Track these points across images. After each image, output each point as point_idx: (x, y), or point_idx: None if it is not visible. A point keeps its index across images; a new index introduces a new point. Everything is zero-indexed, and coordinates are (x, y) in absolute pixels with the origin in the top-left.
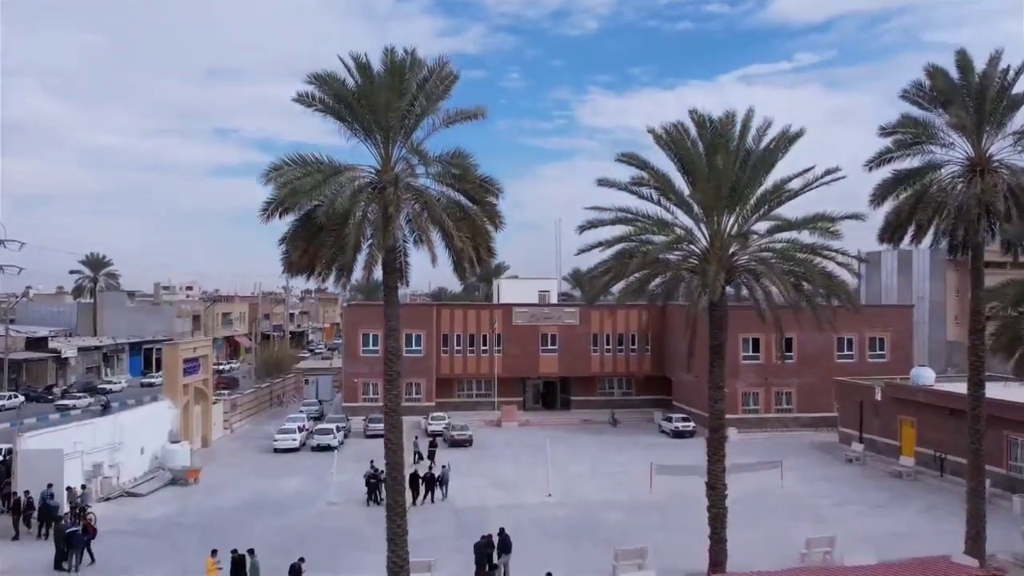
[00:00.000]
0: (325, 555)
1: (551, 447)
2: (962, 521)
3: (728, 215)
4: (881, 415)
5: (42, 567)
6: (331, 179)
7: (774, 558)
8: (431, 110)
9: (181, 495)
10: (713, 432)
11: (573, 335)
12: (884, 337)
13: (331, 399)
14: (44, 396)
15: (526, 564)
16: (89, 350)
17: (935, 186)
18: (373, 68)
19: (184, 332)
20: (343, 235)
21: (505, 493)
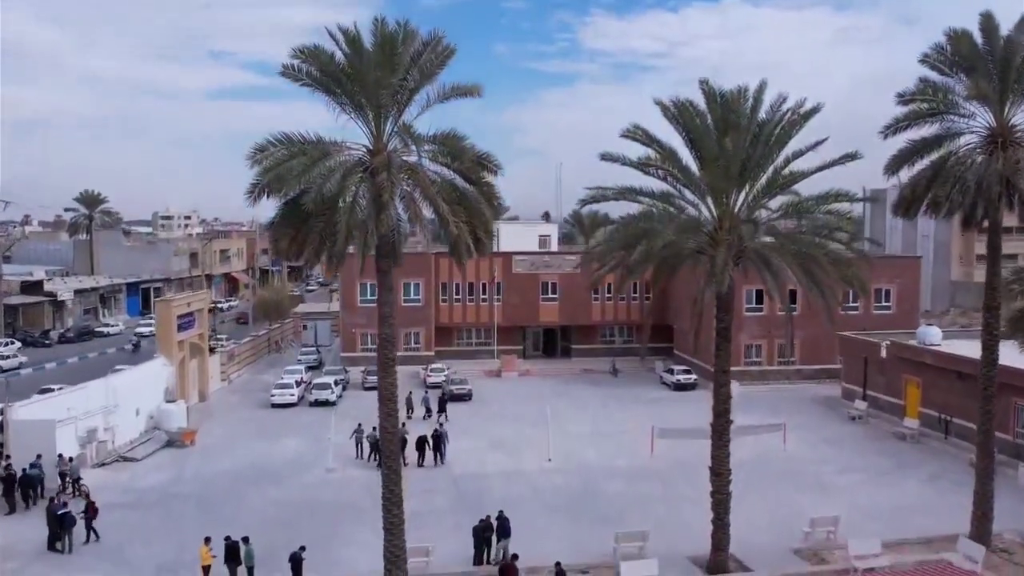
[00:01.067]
0: (323, 532)
1: (551, 400)
2: (967, 491)
3: (737, 195)
4: (886, 373)
5: (35, 548)
6: (319, 162)
7: (777, 538)
8: (425, 85)
9: (177, 459)
10: (718, 417)
11: (574, 283)
12: (890, 288)
13: (330, 344)
14: (41, 341)
15: (525, 545)
16: (86, 292)
17: (953, 159)
18: (364, 40)
19: (182, 270)
20: (333, 222)
21: (505, 456)
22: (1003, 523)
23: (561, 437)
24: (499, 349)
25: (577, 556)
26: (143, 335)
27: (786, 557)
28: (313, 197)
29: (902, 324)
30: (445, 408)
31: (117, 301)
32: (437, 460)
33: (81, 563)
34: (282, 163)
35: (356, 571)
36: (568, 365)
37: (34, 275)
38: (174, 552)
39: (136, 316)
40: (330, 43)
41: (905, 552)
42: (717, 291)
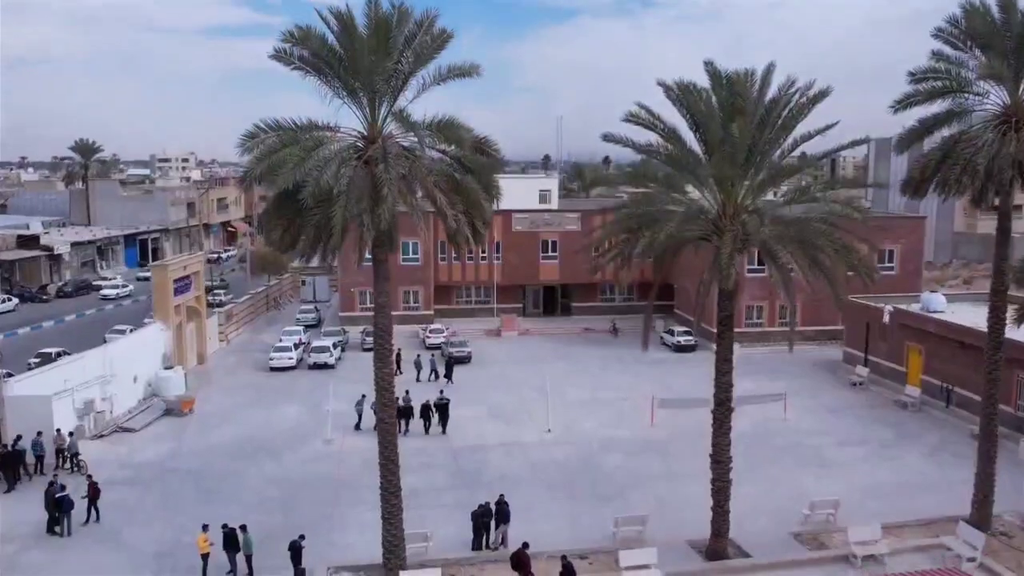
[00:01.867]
0: (322, 512)
1: (551, 363)
2: (969, 464)
3: (743, 182)
4: (888, 339)
5: (34, 531)
6: (313, 153)
7: (777, 520)
8: (421, 69)
9: (175, 429)
10: (719, 405)
11: (574, 241)
12: (894, 249)
13: (328, 300)
14: (39, 296)
15: (525, 527)
16: (82, 245)
17: (964, 141)
18: (357, 23)
19: (179, 220)
20: (329, 215)
21: (504, 426)
22: (1003, 500)
23: (561, 404)
24: (499, 307)
25: (576, 539)
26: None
27: (785, 542)
28: (311, 191)
29: (905, 285)
30: (452, 372)
31: (115, 253)
32: (444, 428)
33: (79, 548)
34: (275, 152)
35: (355, 556)
36: (568, 324)
37: (30, 227)
38: (172, 534)
39: (134, 267)
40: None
41: (904, 536)
42: (722, 288)
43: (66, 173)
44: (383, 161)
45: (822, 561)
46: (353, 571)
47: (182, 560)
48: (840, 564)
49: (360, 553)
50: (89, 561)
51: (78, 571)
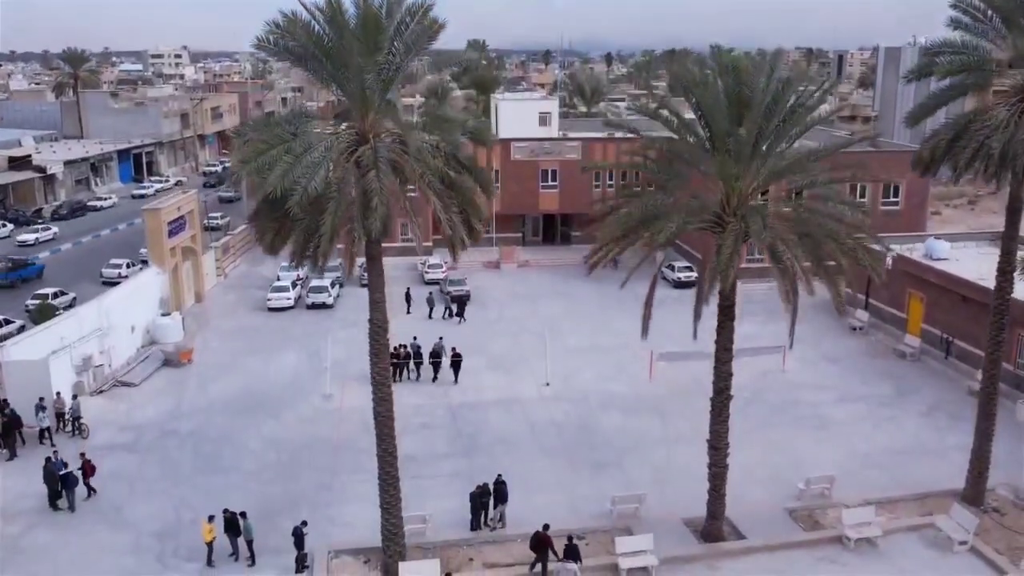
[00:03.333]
0: (321, 481)
1: (550, 302)
2: (965, 427)
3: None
4: (889, 285)
5: (37, 506)
6: (302, 157)
7: (773, 492)
8: (412, 60)
9: (174, 382)
10: (718, 394)
11: (574, 170)
12: (899, 184)
13: None
14: (33, 220)
15: (523, 501)
16: (76, 163)
17: (977, 121)
18: (345, 11)
19: (173, 132)
20: (319, 222)
21: (503, 379)
22: (999, 468)
23: (560, 351)
24: (497, 237)
25: (574, 513)
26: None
27: (780, 519)
28: (298, 200)
29: (909, 221)
30: (464, 310)
31: (109, 169)
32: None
33: (83, 527)
34: (262, 153)
35: (355, 534)
36: (567, 254)
37: (22, 143)
38: (174, 510)
39: (128, 183)
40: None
41: (898, 512)
42: (721, 291)
43: (56, 83)
44: (374, 167)
45: (816, 543)
46: (353, 554)
47: (184, 540)
48: (834, 546)
49: (360, 531)
50: (93, 542)
51: (82, 554)
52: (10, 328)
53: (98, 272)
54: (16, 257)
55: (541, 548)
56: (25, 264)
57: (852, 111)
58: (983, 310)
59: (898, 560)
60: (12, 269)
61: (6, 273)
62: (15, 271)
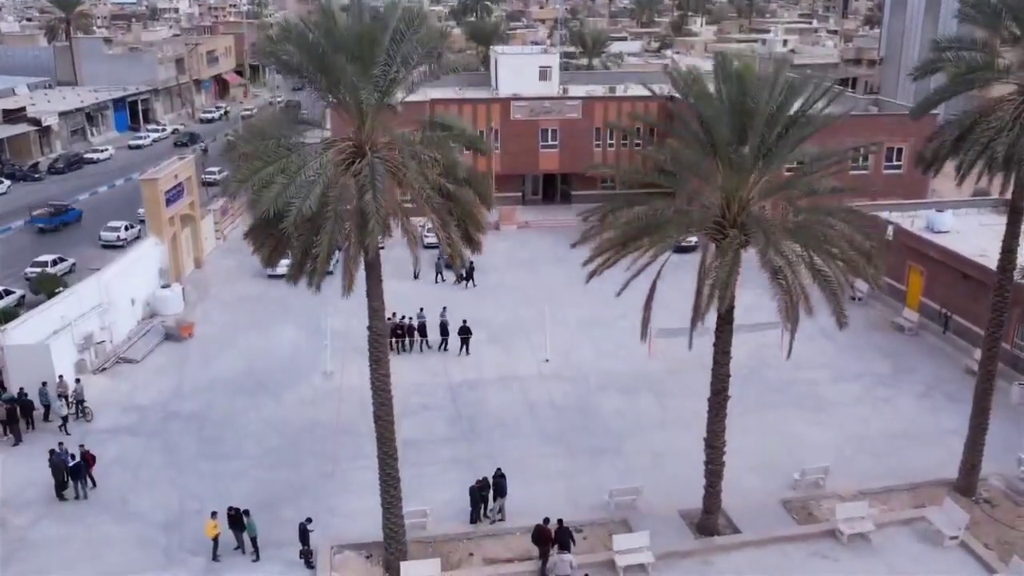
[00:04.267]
0: (322, 469)
1: (549, 268)
2: (961, 409)
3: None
4: (890, 255)
5: (43, 496)
6: (297, 176)
7: (768, 479)
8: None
9: (175, 359)
10: (716, 395)
11: (575, 129)
12: (903, 147)
13: None
14: (30, 175)
15: (522, 490)
16: (71, 113)
17: (982, 122)
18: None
19: (168, 78)
20: (316, 241)
21: (502, 354)
22: (992, 453)
23: (559, 326)
24: (497, 196)
25: (573, 505)
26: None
27: (775, 511)
28: (294, 220)
29: (911, 186)
30: (473, 275)
31: (104, 118)
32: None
33: (89, 519)
34: (257, 171)
35: (357, 527)
36: (568, 214)
37: (16, 92)
38: (179, 499)
39: (124, 131)
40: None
41: (891, 503)
42: (719, 309)
43: (48, 27)
44: (371, 188)
45: (809, 537)
46: (356, 549)
47: (189, 532)
48: (827, 540)
49: (361, 523)
50: (99, 534)
51: (89, 547)
52: (10, 300)
53: (96, 235)
54: (56, 203)
55: (543, 541)
56: (66, 209)
57: (857, 54)
58: (982, 288)
59: (889, 555)
60: (54, 215)
61: (49, 218)
62: (57, 216)
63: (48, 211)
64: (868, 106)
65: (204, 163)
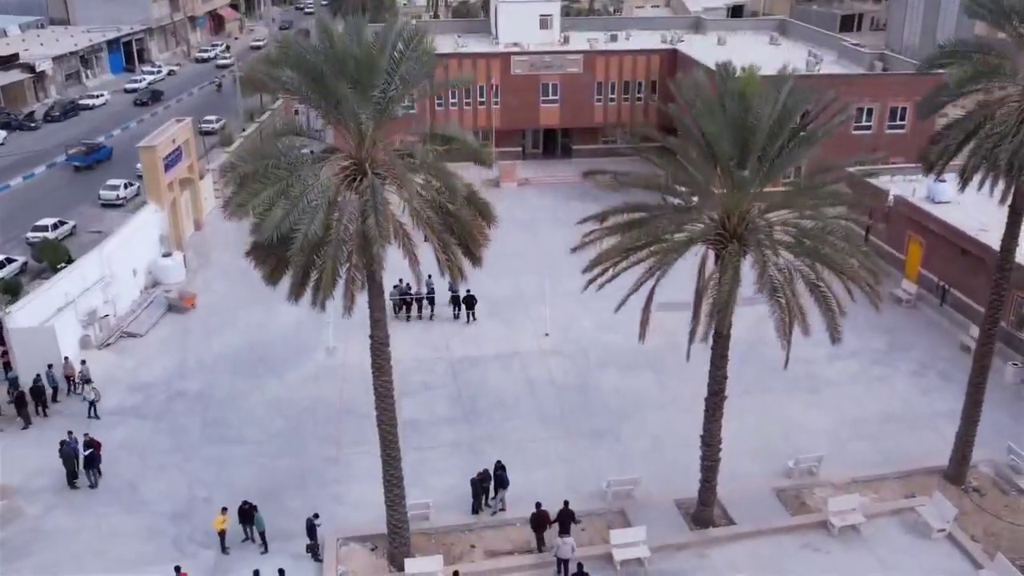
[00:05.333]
0: (326, 454)
1: (549, 229)
2: (955, 390)
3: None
4: (890, 224)
5: (54, 483)
6: (298, 201)
7: (763, 463)
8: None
9: (178, 332)
10: (713, 395)
11: (576, 84)
12: (907, 106)
13: (322, 130)
14: (26, 124)
15: (522, 474)
16: (65, 57)
17: (986, 127)
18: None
19: (162, 16)
20: (319, 263)
21: (502, 328)
22: (984, 438)
23: (559, 296)
24: (497, 151)
25: (572, 492)
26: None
27: (768, 500)
28: (299, 246)
29: (913, 148)
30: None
31: (99, 60)
32: (469, 318)
33: (100, 508)
34: (257, 194)
35: (362, 516)
36: (569, 169)
37: (8, 33)
38: (186, 486)
39: (119, 73)
40: None
41: (883, 493)
42: (718, 329)
43: None
44: (373, 212)
45: (801, 528)
46: (361, 541)
47: (198, 523)
48: (819, 531)
49: (366, 511)
50: (110, 525)
51: (100, 539)
52: (12, 268)
53: (96, 193)
54: (89, 142)
55: (540, 525)
56: (98, 148)
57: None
58: (981, 264)
59: (878, 547)
60: (88, 153)
61: (83, 157)
62: (91, 154)
63: (82, 149)
64: (873, 61)
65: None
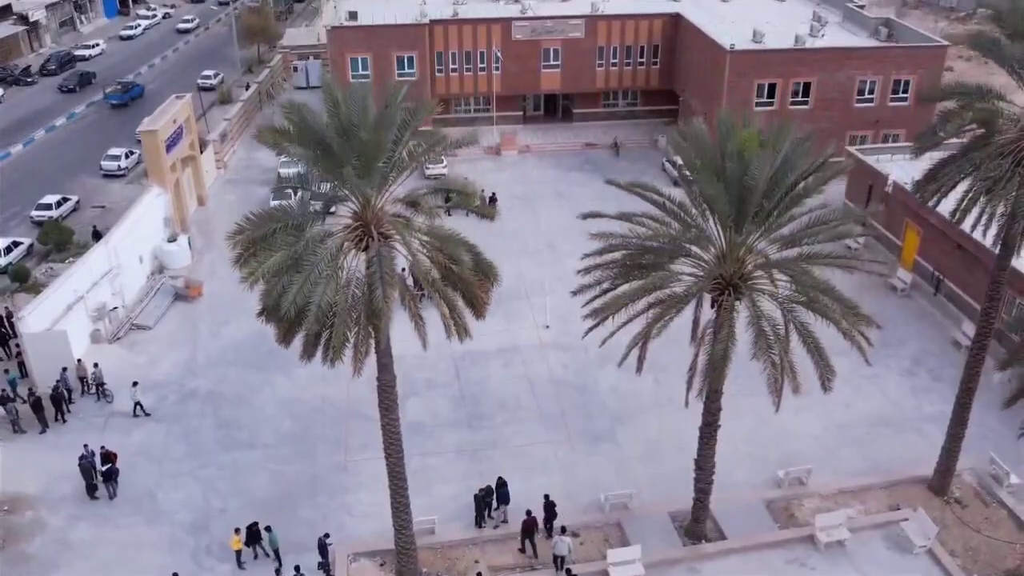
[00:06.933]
0: (335, 461)
1: (548, 204)
2: (943, 392)
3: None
4: (888, 209)
5: (74, 492)
6: (310, 274)
7: (754, 472)
8: (414, 163)
9: (186, 324)
10: (707, 424)
11: (577, 49)
12: (910, 79)
13: (322, 84)
14: (23, 79)
15: (523, 482)
16: (58, 4)
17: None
18: (346, 118)
19: None
20: (328, 327)
21: (503, 322)
22: (969, 443)
23: (559, 282)
24: (498, 115)
25: (570, 501)
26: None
27: (758, 513)
28: (313, 319)
29: (916, 119)
30: (495, 201)
31: (93, 4)
32: None
33: (121, 519)
34: (264, 263)
35: (371, 528)
36: (569, 135)
37: None
38: (202, 496)
39: (114, 17)
40: None
41: (869, 504)
42: (710, 388)
43: None
44: (380, 284)
45: (789, 542)
46: (370, 557)
47: (216, 534)
48: (805, 545)
49: (375, 523)
50: (131, 537)
51: (122, 551)
52: (18, 252)
53: (96, 164)
54: (124, 80)
55: (529, 532)
56: (132, 86)
57: None
58: (976, 262)
59: (861, 562)
60: (124, 91)
61: (121, 95)
62: (127, 92)
63: (118, 88)
64: (878, 26)
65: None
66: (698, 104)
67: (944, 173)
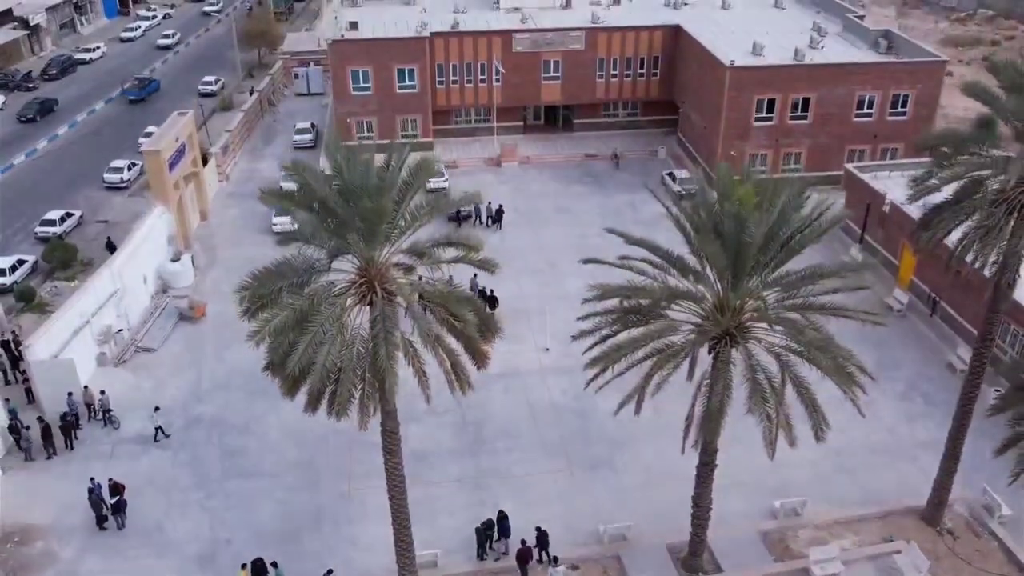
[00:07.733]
0: (338, 489)
1: (548, 219)
2: (938, 419)
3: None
4: (886, 228)
5: (83, 522)
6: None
7: (750, 502)
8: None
9: (191, 347)
10: (704, 465)
11: (577, 61)
12: (909, 94)
13: (324, 92)
14: (24, 84)
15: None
16: (59, 6)
17: (977, 218)
18: (350, 182)
19: None
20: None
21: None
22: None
23: (559, 303)
24: (498, 126)
25: (569, 533)
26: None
27: (754, 545)
28: (319, 378)
29: (916, 131)
30: (501, 219)
31: (93, 5)
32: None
33: (130, 551)
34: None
35: (375, 561)
36: (570, 145)
37: None
38: (209, 527)
39: (114, 18)
40: None
41: (862, 532)
42: (708, 442)
43: None
44: (384, 344)
45: (784, 575)
46: None
47: (222, 568)
48: None
49: (379, 555)
50: (140, 568)
51: None
52: (23, 270)
53: (100, 176)
54: (141, 76)
55: (524, 560)
56: (150, 81)
57: None
58: (970, 285)
59: None
60: (142, 87)
61: (138, 90)
62: (144, 88)
63: (136, 83)
64: (878, 38)
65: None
66: (698, 117)
67: (939, 220)
